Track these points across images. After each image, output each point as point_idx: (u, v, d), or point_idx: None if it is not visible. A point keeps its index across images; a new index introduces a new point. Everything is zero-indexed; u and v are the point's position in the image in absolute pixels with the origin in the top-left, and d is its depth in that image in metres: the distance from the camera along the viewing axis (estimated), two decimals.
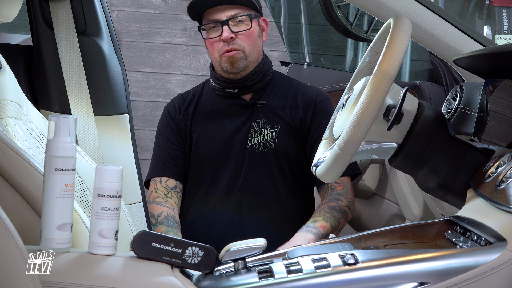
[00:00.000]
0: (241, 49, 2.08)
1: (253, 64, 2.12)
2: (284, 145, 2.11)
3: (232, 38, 2.07)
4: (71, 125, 1.20)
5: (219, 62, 2.10)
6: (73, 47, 1.96)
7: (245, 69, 2.10)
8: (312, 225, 1.97)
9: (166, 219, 2.04)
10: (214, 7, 2.08)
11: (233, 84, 2.13)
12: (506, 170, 1.29)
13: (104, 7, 2.08)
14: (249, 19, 2.09)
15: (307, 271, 1.14)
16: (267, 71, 2.17)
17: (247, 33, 2.09)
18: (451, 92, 1.81)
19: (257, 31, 2.12)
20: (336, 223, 2.02)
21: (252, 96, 2.16)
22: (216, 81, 2.17)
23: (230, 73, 2.10)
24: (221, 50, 2.08)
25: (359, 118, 1.29)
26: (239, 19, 2.08)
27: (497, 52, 1.53)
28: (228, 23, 2.07)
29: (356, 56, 4.32)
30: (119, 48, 2.09)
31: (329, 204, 2.04)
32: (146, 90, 4.13)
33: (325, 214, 2.02)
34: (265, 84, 2.17)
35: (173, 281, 1.12)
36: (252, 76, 2.13)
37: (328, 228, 1.99)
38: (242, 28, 2.09)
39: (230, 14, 2.08)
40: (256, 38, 2.12)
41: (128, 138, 2.06)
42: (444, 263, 1.14)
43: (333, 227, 2.00)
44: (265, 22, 2.19)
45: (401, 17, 1.38)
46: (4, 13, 1.32)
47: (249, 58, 2.10)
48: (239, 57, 2.08)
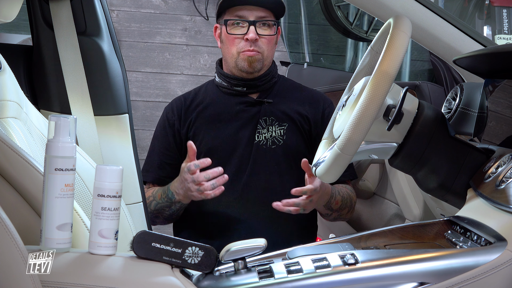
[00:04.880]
0: (261, 52, 2.12)
1: (266, 67, 2.17)
2: (293, 142, 2.13)
3: (256, 40, 2.09)
4: (71, 125, 1.19)
5: (235, 59, 2.12)
6: (73, 47, 1.96)
7: (259, 71, 2.14)
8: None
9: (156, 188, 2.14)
10: (245, 5, 2.10)
11: (242, 83, 2.15)
12: (506, 170, 1.29)
13: (104, 7, 2.08)
14: (275, 25, 2.13)
15: (307, 271, 1.14)
16: (275, 73, 2.22)
17: (269, 38, 2.13)
18: (451, 92, 1.81)
19: (276, 38, 2.17)
20: (345, 204, 2.12)
21: (259, 95, 2.17)
22: (225, 79, 2.18)
23: (245, 72, 2.12)
24: (242, 48, 2.11)
25: (359, 118, 1.29)
26: (266, 23, 2.11)
27: (497, 52, 1.53)
28: (255, 24, 2.08)
29: (356, 56, 4.32)
30: (119, 48, 2.08)
31: (346, 189, 2.15)
32: (146, 90, 4.13)
33: (342, 190, 2.13)
34: (271, 85, 2.20)
35: (173, 281, 1.12)
36: (263, 77, 2.16)
37: (340, 199, 2.11)
38: (266, 32, 2.12)
39: (259, 16, 2.10)
40: (274, 44, 2.17)
41: (128, 138, 2.06)
42: (444, 263, 1.14)
43: (343, 203, 2.11)
44: (278, 31, 2.21)
45: (401, 17, 1.38)
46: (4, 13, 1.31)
47: (265, 61, 2.14)
48: (257, 59, 2.11)
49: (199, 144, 2.15)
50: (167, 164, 2.19)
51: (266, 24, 2.11)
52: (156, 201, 2.11)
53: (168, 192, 2.09)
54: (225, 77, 2.17)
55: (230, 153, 2.12)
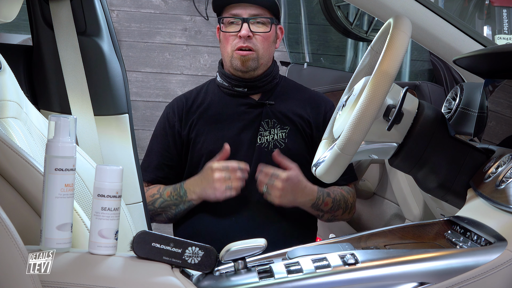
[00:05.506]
0: (255, 50, 2.10)
1: (263, 67, 2.15)
2: (294, 145, 2.12)
3: (250, 37, 2.09)
4: (71, 125, 1.19)
5: (230, 57, 2.12)
6: (73, 47, 1.96)
7: (254, 70, 2.13)
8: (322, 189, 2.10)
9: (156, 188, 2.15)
10: (238, 3, 2.10)
11: (243, 83, 2.15)
12: (506, 170, 1.29)
13: (104, 7, 2.08)
14: (270, 22, 2.12)
15: (307, 271, 1.14)
16: (276, 74, 2.21)
17: (264, 35, 2.11)
18: (451, 92, 1.81)
19: (273, 36, 2.15)
20: (337, 205, 2.11)
21: (261, 96, 2.17)
22: (226, 79, 2.17)
23: (240, 71, 2.12)
24: (236, 45, 2.10)
25: (359, 118, 1.29)
26: (260, 20, 2.11)
27: (497, 52, 1.53)
28: (248, 21, 2.09)
29: (356, 56, 4.32)
30: (119, 48, 2.08)
31: (341, 191, 2.15)
32: (146, 90, 4.13)
33: (335, 191, 2.13)
34: (273, 86, 2.19)
35: (173, 281, 1.12)
36: (264, 77, 2.15)
37: (330, 201, 2.10)
38: (261, 29, 2.11)
39: (253, 13, 2.10)
40: (271, 42, 2.15)
41: (128, 138, 2.06)
42: (444, 263, 1.14)
43: (334, 204, 2.11)
44: (280, 31, 2.22)
45: (401, 17, 1.38)
46: (4, 13, 1.31)
47: (261, 60, 2.12)
48: (251, 58, 2.10)
49: (201, 146, 2.14)
50: (165, 165, 2.19)
51: (261, 21, 2.11)
52: (163, 198, 2.11)
53: (180, 190, 2.09)
54: (226, 77, 2.17)
55: (232, 155, 2.12)
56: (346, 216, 2.18)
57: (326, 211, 2.10)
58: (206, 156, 2.13)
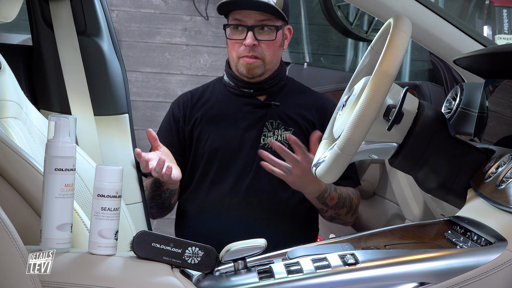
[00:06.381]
0: (261, 57, 2.09)
1: (270, 71, 2.14)
2: None
3: (255, 45, 2.07)
4: (71, 125, 1.19)
5: (236, 63, 2.11)
6: (73, 47, 1.96)
7: (260, 75, 2.13)
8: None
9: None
10: (243, 9, 2.07)
11: (249, 85, 2.14)
12: (506, 170, 1.29)
13: (104, 7, 2.08)
14: (275, 30, 2.09)
15: (307, 271, 1.14)
16: (283, 76, 2.19)
17: (270, 42, 2.09)
18: (451, 92, 1.81)
19: (280, 41, 2.13)
20: (342, 203, 2.10)
21: (267, 97, 2.17)
22: (232, 79, 2.17)
23: (245, 77, 2.12)
24: (241, 53, 2.09)
25: (359, 118, 1.29)
26: (265, 28, 2.08)
27: (497, 52, 1.53)
28: (254, 29, 2.07)
29: (356, 56, 4.32)
30: (119, 48, 2.08)
31: (347, 190, 2.14)
32: (146, 90, 4.13)
33: (342, 189, 2.12)
34: (280, 88, 2.18)
35: (173, 281, 1.12)
36: (270, 80, 2.15)
37: (336, 196, 2.08)
38: (266, 37, 2.09)
39: (258, 20, 2.07)
40: (277, 47, 2.13)
41: (128, 138, 2.06)
42: (444, 263, 1.14)
43: (339, 201, 2.09)
44: (289, 31, 2.19)
45: (401, 17, 1.38)
46: (4, 13, 1.32)
47: (267, 66, 2.12)
48: (257, 65, 2.09)
49: (204, 143, 2.14)
50: None
51: (266, 28, 2.09)
52: (148, 190, 2.11)
53: (156, 180, 2.08)
54: (232, 78, 2.17)
55: (235, 154, 2.11)
56: (349, 218, 2.17)
57: (331, 206, 2.09)
58: (208, 153, 2.12)
